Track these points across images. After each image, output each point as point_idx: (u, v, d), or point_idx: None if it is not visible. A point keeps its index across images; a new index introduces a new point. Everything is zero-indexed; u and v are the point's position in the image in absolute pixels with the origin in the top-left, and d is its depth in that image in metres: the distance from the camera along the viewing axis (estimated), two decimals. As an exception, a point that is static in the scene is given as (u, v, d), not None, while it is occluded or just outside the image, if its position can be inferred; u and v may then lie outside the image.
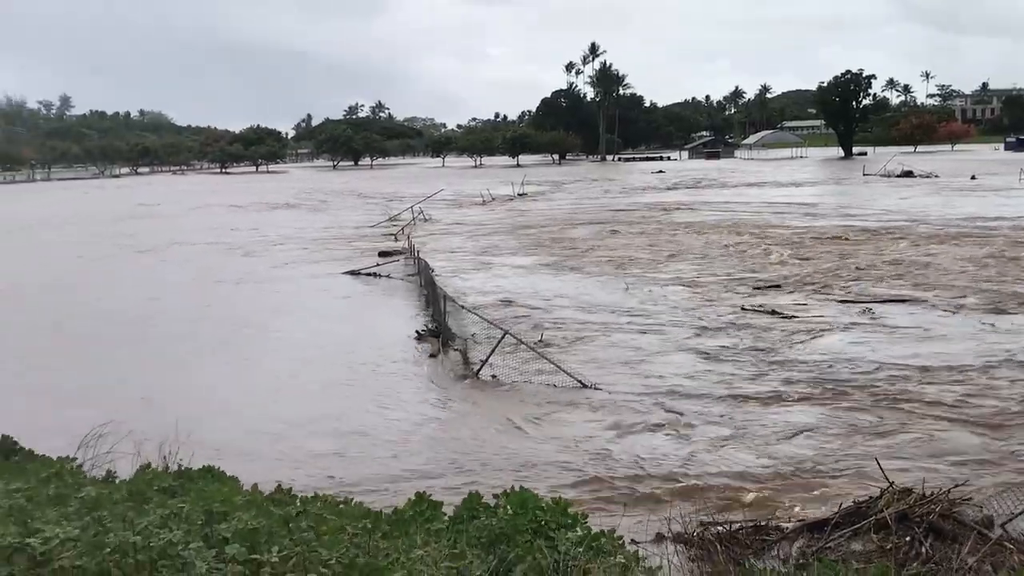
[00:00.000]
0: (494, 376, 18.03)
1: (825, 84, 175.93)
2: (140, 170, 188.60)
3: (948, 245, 35.74)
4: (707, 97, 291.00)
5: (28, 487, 6.03)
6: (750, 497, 11.62)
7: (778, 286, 27.65)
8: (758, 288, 27.28)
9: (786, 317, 22.94)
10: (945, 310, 23.41)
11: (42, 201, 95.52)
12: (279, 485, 6.28)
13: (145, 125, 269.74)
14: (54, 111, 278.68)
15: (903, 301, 24.64)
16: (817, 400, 15.87)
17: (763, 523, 10.52)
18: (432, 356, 20.14)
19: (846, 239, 38.89)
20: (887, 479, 10.79)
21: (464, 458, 13.60)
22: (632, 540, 7.15)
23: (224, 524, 5.33)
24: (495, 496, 6.34)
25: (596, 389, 16.92)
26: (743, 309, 23.98)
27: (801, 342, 20.25)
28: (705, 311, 24.07)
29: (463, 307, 22.50)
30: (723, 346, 20.01)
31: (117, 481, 7.27)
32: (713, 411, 15.36)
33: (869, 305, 24.14)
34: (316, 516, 5.81)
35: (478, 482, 12.28)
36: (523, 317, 23.83)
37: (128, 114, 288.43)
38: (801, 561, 9.10)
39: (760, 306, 24.37)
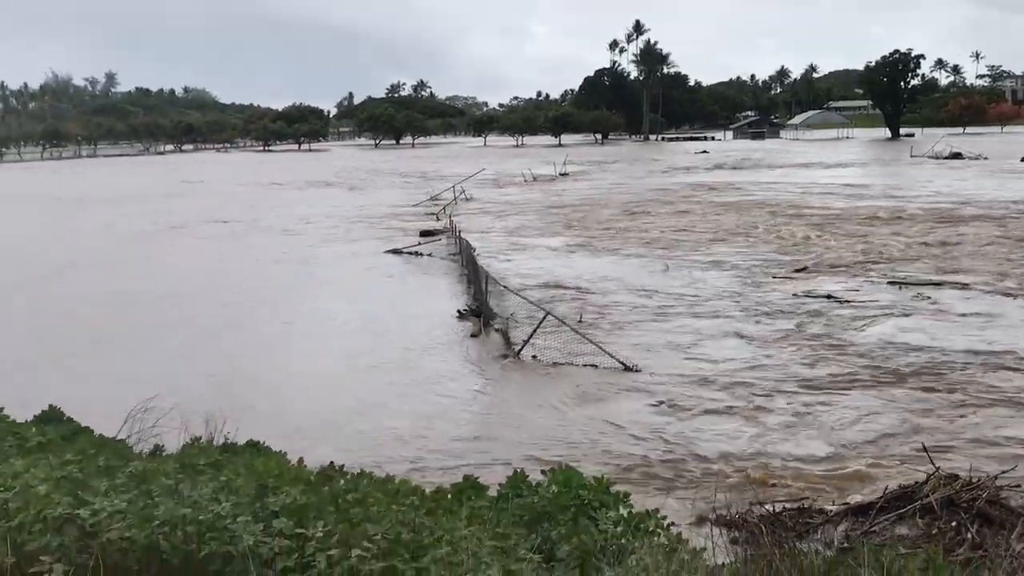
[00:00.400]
0: (535, 356, 18.03)
1: (873, 64, 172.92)
2: (184, 147, 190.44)
3: (997, 228, 35.14)
4: (752, 76, 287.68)
5: (77, 459, 6.10)
6: (792, 480, 11.53)
7: (825, 268, 27.30)
8: (800, 270, 27.01)
9: (841, 302, 22.47)
10: (1004, 295, 22.94)
11: (89, 177, 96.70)
12: (331, 463, 6.31)
13: (189, 102, 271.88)
14: (99, 88, 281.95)
15: (963, 286, 24.08)
16: (872, 385, 15.65)
17: (807, 506, 10.44)
18: (473, 336, 20.17)
19: (893, 220, 38.41)
20: (933, 464, 10.67)
21: (505, 437, 13.62)
22: (675, 521, 7.11)
23: (272, 498, 5.37)
24: (543, 472, 6.34)
25: (637, 371, 16.86)
26: (795, 295, 23.39)
27: (858, 328, 19.81)
28: (752, 294, 23.80)
29: (505, 287, 22.49)
30: (772, 330, 19.77)
31: (164, 454, 7.36)
32: (758, 395, 15.22)
33: (923, 289, 23.65)
34: (362, 493, 5.84)
35: (518, 461, 12.31)
36: (563, 298, 23.78)
37: (172, 91, 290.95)
38: (845, 544, 9.03)
39: (810, 291, 23.81)
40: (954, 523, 9.54)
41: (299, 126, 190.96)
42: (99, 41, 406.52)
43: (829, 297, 22.93)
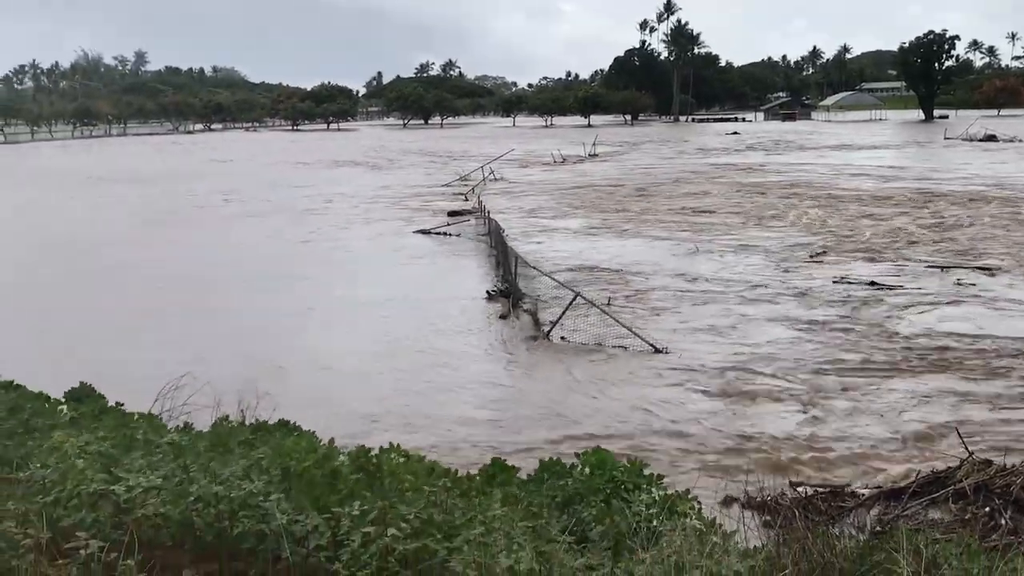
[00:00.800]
0: (564, 338, 18.00)
1: (907, 45, 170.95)
2: (213, 126, 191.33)
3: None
4: (784, 57, 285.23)
5: (112, 435, 6.15)
6: (820, 464, 11.46)
7: (861, 252, 27.00)
8: (831, 254, 26.78)
9: (884, 287, 22.00)
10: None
11: (117, 156, 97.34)
12: (362, 446, 6.31)
13: (218, 81, 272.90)
14: (129, 67, 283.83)
15: (1005, 272, 23.67)
16: (918, 372, 15.43)
17: (839, 489, 10.39)
18: (502, 317, 20.15)
19: (929, 203, 37.96)
20: (967, 449, 10.58)
21: (533, 418, 13.61)
22: (707, 504, 7.08)
23: (304, 476, 5.39)
24: (576, 456, 6.32)
25: (667, 353, 16.80)
26: (835, 281, 22.84)
27: (906, 315, 19.36)
28: (788, 279, 23.49)
29: (533, 268, 22.45)
30: (812, 316, 19.49)
31: (196, 432, 7.41)
32: (795, 380, 15.09)
33: (965, 275, 23.19)
34: (394, 473, 5.85)
35: (548, 442, 12.31)
36: (592, 280, 23.70)
37: (202, 71, 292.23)
38: (878, 528, 8.97)
39: (847, 276, 23.33)
40: (988, 509, 9.46)
41: (328, 106, 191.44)
42: (129, 20, 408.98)
43: (873, 284, 22.28)
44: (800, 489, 10.11)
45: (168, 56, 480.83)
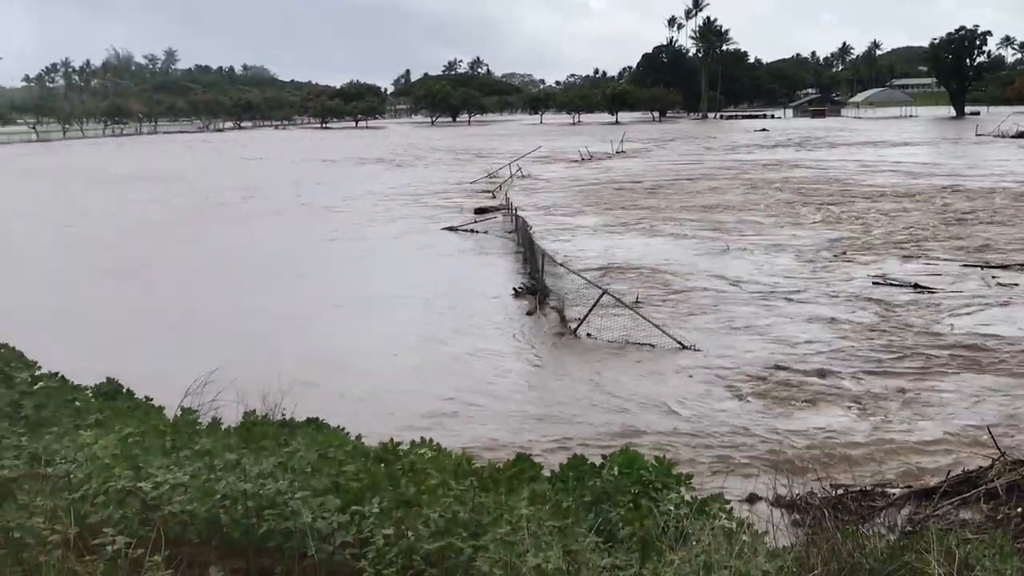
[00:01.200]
0: (590, 335, 17.95)
1: (938, 41, 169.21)
2: (243, 124, 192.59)
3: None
4: (813, 54, 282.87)
5: (140, 432, 6.17)
6: (854, 463, 11.35)
7: (896, 251, 26.67)
8: (852, 252, 26.54)
9: (924, 288, 21.40)
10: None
11: (148, 154, 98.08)
12: (390, 440, 6.32)
13: (248, 80, 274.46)
14: (160, 66, 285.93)
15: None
16: (956, 372, 15.20)
17: (869, 489, 10.28)
18: (529, 314, 20.12)
19: (964, 200, 37.54)
20: (999, 448, 10.44)
21: (559, 415, 13.56)
22: (735, 504, 7.01)
23: (330, 475, 5.39)
24: (602, 457, 6.28)
25: (696, 351, 16.71)
26: (875, 283, 22.19)
27: (949, 317, 18.78)
28: (823, 277, 23.22)
29: (561, 265, 22.41)
30: (843, 317, 19.19)
31: (224, 429, 7.43)
32: (829, 380, 14.93)
33: (1004, 274, 22.72)
34: (419, 470, 5.84)
35: (575, 439, 12.28)
36: (619, 278, 23.62)
37: (232, 69, 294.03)
38: (908, 528, 8.87)
39: (885, 275, 22.80)
40: (1020, 509, 9.32)
41: (356, 103, 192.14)
42: (160, 19, 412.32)
43: (916, 287, 21.57)
44: (830, 488, 10.01)
45: (198, 55, 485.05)
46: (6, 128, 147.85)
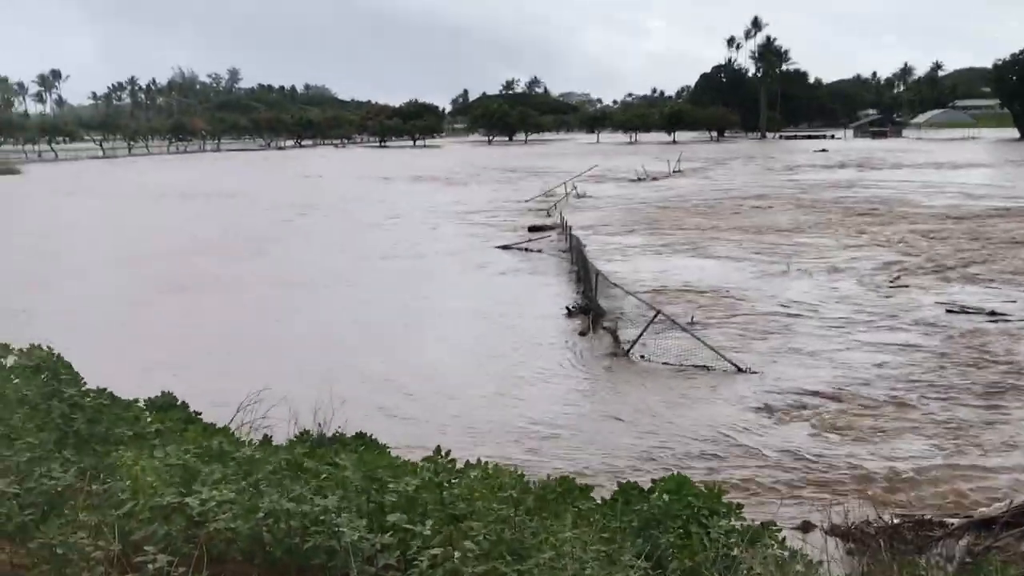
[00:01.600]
0: (644, 356, 17.77)
1: (1002, 62, 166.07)
2: (303, 143, 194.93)
3: None
4: (873, 74, 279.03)
5: (188, 448, 6.19)
6: (913, 492, 11.06)
7: (962, 276, 25.96)
8: (898, 277, 26.00)
9: (999, 316, 20.58)
10: None
11: (211, 171, 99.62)
12: (439, 458, 6.26)
13: (310, 99, 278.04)
14: (223, 85, 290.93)
15: None
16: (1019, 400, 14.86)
17: (927, 518, 10.00)
18: (582, 334, 20.00)
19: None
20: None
21: (608, 438, 13.44)
22: (788, 531, 6.82)
23: (375, 494, 5.35)
24: (653, 482, 6.17)
25: (753, 373, 16.46)
26: (948, 311, 21.30)
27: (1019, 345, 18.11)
28: (889, 302, 22.57)
29: (614, 284, 22.27)
30: (912, 342, 18.61)
31: (273, 445, 7.44)
32: (892, 409, 14.57)
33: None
34: (467, 489, 5.77)
35: (624, 463, 12.13)
36: (674, 299, 23.40)
37: (294, 88, 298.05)
38: (968, 560, 8.60)
39: (957, 304, 21.81)
40: (1087, 542, 9.00)
41: (415, 122, 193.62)
42: (224, 39, 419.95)
43: (992, 314, 20.78)
44: (887, 517, 9.75)
45: (261, 74, 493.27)
46: (73, 145, 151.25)
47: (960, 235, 34.10)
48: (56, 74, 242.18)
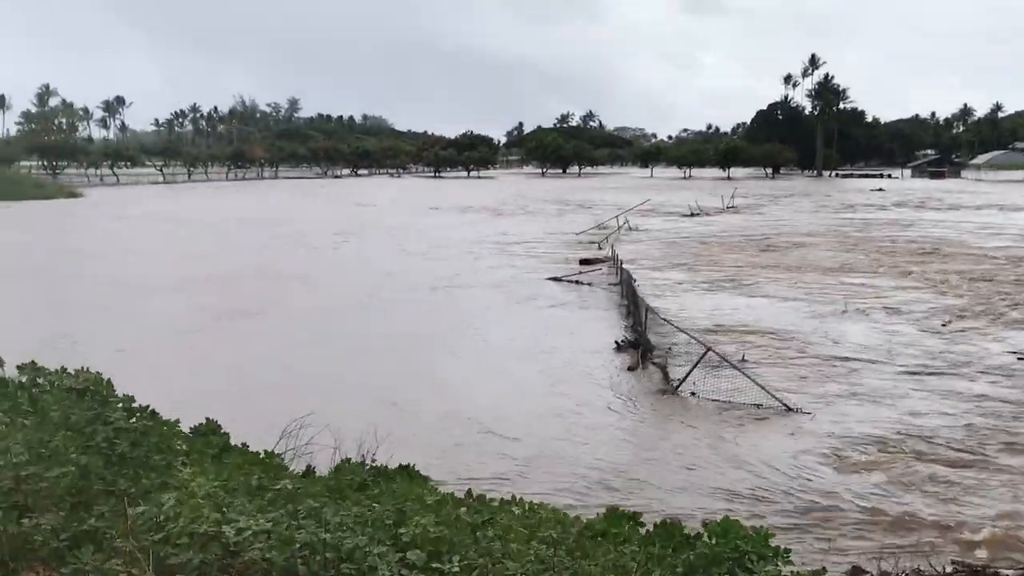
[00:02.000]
0: (694, 394, 17.54)
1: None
2: (359, 172, 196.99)
3: None
4: (932, 114, 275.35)
5: (229, 476, 6.16)
6: (965, 542, 10.71)
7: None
8: (949, 322, 25.39)
9: None
10: None
11: (268, 199, 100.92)
12: (469, 490, 6.16)
13: (367, 129, 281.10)
14: (283, 113, 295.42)
15: None
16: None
17: (980, 569, 9.67)
18: (631, 369, 19.80)
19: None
20: None
21: (653, 476, 13.23)
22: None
23: (411, 528, 5.25)
24: (704, 525, 6.00)
25: (804, 414, 16.13)
26: (1020, 359, 20.62)
27: None
28: (950, 347, 21.90)
29: (664, 320, 22.05)
30: (975, 391, 17.92)
31: (316, 475, 7.39)
32: (948, 456, 14.16)
33: None
34: (503, 526, 5.66)
35: (670, 502, 11.92)
36: (725, 336, 23.10)
37: (352, 118, 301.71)
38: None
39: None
40: None
41: (469, 154, 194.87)
42: (285, 68, 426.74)
43: None
44: (939, 567, 9.44)
45: (320, 104, 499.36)
46: (135, 170, 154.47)
47: (1021, 278, 33.35)
48: (120, 100, 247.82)
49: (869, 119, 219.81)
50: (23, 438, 5.73)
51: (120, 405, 6.62)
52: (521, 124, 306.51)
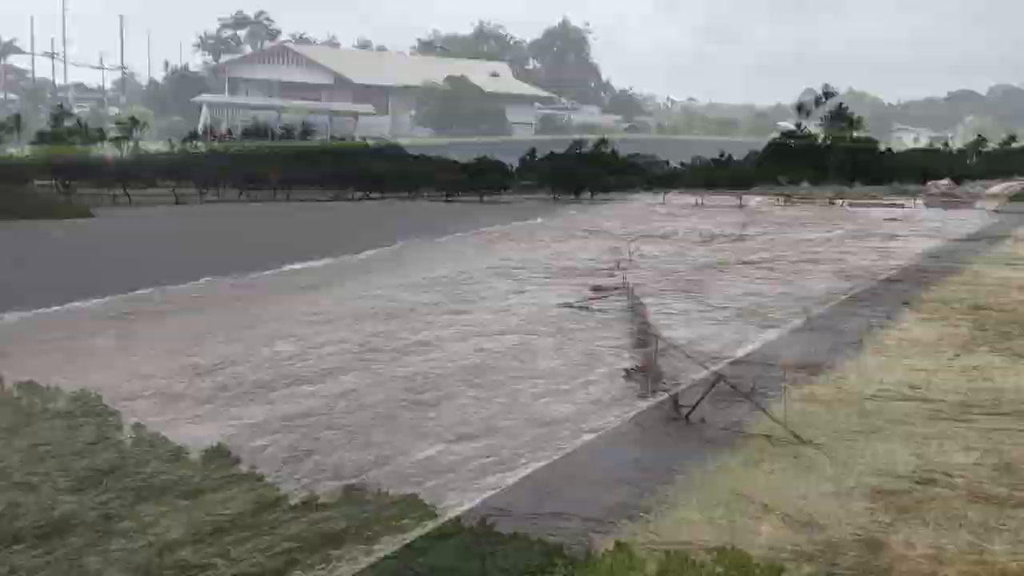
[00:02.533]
0: (704, 420, 17.33)
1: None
2: (371, 195, 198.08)
3: None
4: (945, 143, 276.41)
5: (227, 505, 6.02)
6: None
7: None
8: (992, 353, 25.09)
9: None
10: None
11: (280, 220, 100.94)
12: (482, 519, 6.00)
13: (379, 152, 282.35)
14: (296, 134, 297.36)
15: None
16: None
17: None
18: (640, 397, 19.66)
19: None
20: None
21: (662, 508, 13.03)
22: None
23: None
24: (710, 551, 5.82)
25: (815, 446, 15.86)
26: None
27: None
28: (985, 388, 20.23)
29: (674, 347, 21.94)
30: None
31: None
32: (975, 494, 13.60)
33: None
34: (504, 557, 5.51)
35: (677, 536, 11.71)
36: (737, 365, 22.80)
37: (364, 139, 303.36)
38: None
39: None
40: None
41: (481, 178, 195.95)
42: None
43: None
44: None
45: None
46: (149, 190, 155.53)
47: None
48: (134, 121, 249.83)
49: (882, 149, 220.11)
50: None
51: (125, 429, 6.51)
52: (534, 150, 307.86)
